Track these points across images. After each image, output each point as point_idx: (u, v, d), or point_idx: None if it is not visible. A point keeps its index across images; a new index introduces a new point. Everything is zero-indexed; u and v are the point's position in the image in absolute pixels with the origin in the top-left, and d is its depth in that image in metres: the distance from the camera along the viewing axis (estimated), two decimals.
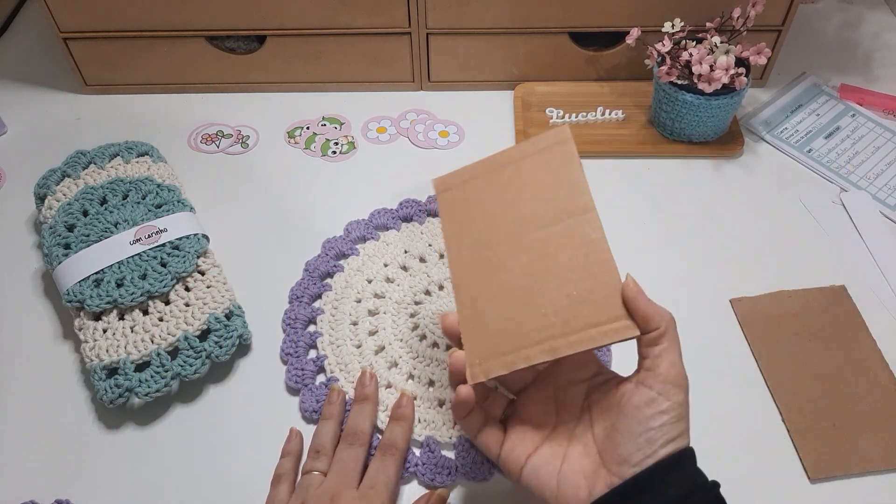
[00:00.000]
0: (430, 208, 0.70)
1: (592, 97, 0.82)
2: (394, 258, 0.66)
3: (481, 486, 0.53)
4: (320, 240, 0.69)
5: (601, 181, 0.75)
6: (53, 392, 0.59)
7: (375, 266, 0.66)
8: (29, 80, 0.87)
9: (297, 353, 0.60)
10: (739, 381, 0.59)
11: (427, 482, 0.53)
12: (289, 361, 0.60)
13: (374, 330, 0.61)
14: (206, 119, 0.82)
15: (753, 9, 0.71)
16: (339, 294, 0.64)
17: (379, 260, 0.66)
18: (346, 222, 0.70)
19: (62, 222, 0.63)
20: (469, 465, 0.53)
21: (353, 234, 0.68)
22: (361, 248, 0.68)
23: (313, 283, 0.65)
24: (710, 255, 0.68)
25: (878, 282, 0.66)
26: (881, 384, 0.58)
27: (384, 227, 0.69)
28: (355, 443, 0.52)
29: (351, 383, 0.58)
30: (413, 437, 0.55)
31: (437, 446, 0.54)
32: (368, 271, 0.65)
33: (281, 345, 0.61)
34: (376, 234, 0.68)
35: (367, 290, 0.64)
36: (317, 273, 0.65)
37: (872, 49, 0.90)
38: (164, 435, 0.57)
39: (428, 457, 0.54)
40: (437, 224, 0.68)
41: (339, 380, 0.58)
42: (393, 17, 0.77)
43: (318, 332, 0.62)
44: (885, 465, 0.54)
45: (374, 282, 0.64)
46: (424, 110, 0.83)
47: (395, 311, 0.62)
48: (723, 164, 0.76)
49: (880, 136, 0.79)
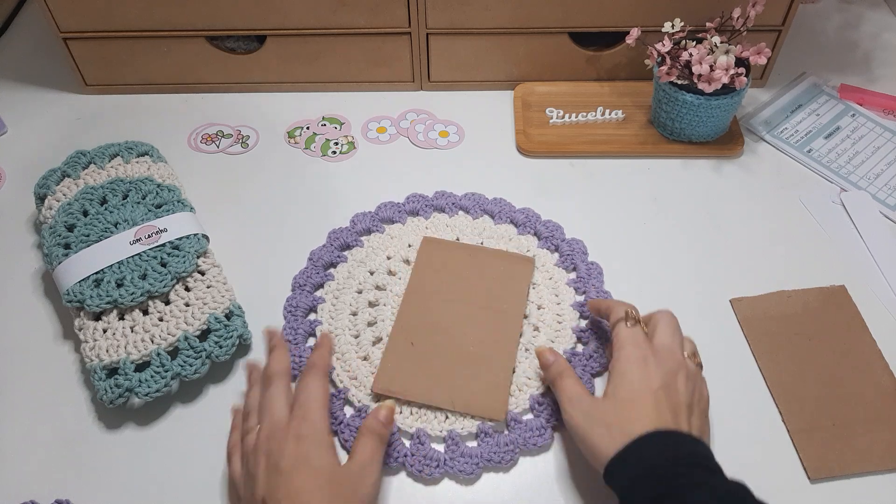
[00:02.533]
0: (437, 204, 0.71)
1: (592, 97, 0.82)
2: (397, 251, 0.66)
3: (470, 482, 0.54)
4: (320, 239, 0.69)
5: (601, 181, 0.75)
6: (53, 392, 0.59)
7: (378, 258, 0.66)
8: (29, 80, 0.87)
9: (295, 340, 0.61)
10: (739, 381, 0.59)
11: (415, 473, 0.53)
12: (287, 348, 0.59)
13: (373, 321, 0.62)
14: (206, 119, 0.82)
15: (753, 9, 0.71)
16: (340, 284, 0.64)
17: (382, 252, 0.67)
18: (353, 214, 0.70)
19: (62, 222, 0.63)
20: (457, 458, 0.54)
21: (359, 226, 0.69)
22: (366, 239, 0.68)
23: (316, 273, 0.65)
24: (710, 255, 0.68)
25: (878, 282, 0.66)
26: (881, 384, 0.58)
27: (390, 220, 0.70)
28: (272, 381, 0.51)
29: (347, 372, 0.59)
30: (404, 430, 0.55)
31: (427, 438, 0.55)
32: (371, 263, 0.66)
33: (281, 331, 0.61)
34: (381, 227, 0.69)
35: (368, 282, 0.64)
36: (320, 262, 0.66)
37: (872, 49, 0.90)
38: (164, 435, 0.57)
39: (417, 448, 0.54)
40: (443, 220, 0.70)
41: (336, 368, 0.59)
42: (393, 17, 0.77)
43: (317, 320, 0.62)
44: (885, 465, 0.54)
45: (376, 274, 0.65)
46: (424, 110, 0.83)
47: (394, 303, 0.62)
48: (723, 164, 0.76)
49: (880, 136, 0.79)
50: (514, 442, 0.54)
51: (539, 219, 0.69)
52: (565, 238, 0.68)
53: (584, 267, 0.66)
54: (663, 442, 0.46)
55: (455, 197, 0.71)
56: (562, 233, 0.68)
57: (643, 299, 0.64)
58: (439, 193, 0.72)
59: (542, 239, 0.68)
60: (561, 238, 0.68)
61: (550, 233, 0.68)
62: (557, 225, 0.69)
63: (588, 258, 0.67)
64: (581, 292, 0.64)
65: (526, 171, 0.76)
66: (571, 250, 0.67)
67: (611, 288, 0.65)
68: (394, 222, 0.70)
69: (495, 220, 0.70)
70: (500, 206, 0.70)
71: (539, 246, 0.67)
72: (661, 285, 0.66)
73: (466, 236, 0.68)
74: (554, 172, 0.76)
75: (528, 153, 0.77)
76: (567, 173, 0.76)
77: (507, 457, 0.54)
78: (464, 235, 0.68)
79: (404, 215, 0.70)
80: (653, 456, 0.45)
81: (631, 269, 0.67)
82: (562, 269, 0.66)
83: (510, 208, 0.70)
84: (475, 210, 0.70)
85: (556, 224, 0.69)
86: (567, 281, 0.65)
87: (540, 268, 0.65)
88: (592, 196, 0.73)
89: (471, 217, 0.70)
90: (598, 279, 0.65)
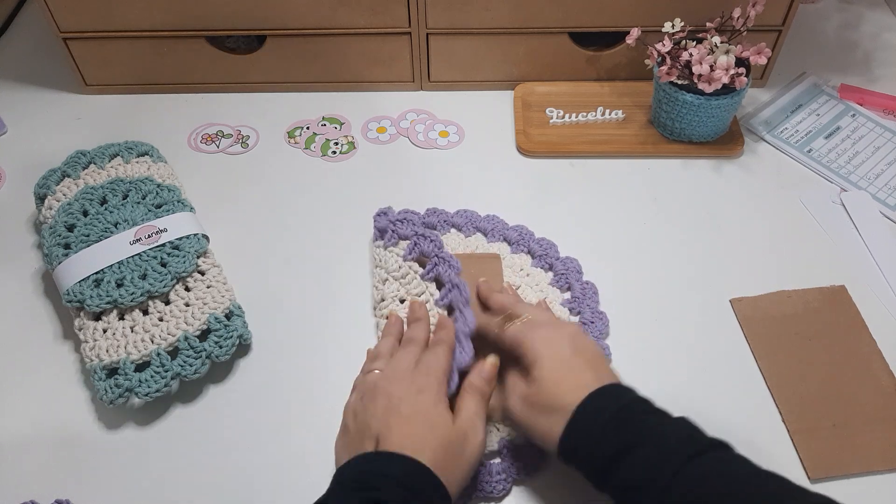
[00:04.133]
0: (429, 221, 0.69)
1: (592, 97, 0.82)
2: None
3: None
4: (321, 240, 0.69)
5: (601, 181, 0.75)
6: (53, 392, 0.59)
7: None
8: (29, 80, 0.87)
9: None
10: (739, 381, 0.59)
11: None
12: (429, 323, 0.58)
13: None
14: (206, 119, 0.82)
15: (753, 9, 0.71)
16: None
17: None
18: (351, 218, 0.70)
19: (62, 222, 0.63)
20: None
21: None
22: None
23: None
24: (710, 255, 0.68)
25: (878, 282, 0.66)
26: (881, 384, 0.58)
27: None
28: (410, 345, 0.54)
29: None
30: None
31: None
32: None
33: (424, 305, 0.60)
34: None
35: None
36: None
37: (872, 49, 0.90)
38: (164, 435, 0.57)
39: None
40: None
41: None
42: (393, 17, 0.77)
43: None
44: (885, 465, 0.54)
45: None
46: (424, 110, 0.83)
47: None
48: (723, 164, 0.76)
49: (880, 136, 0.79)
50: (506, 470, 0.53)
51: (532, 237, 0.68)
52: (559, 257, 0.67)
53: (578, 287, 0.64)
54: (598, 403, 0.47)
55: (447, 214, 0.70)
56: (556, 251, 0.67)
57: (643, 300, 0.65)
58: (431, 211, 0.70)
59: (535, 258, 0.67)
60: (555, 257, 0.66)
61: (544, 251, 0.67)
62: (551, 243, 0.67)
63: (583, 277, 0.65)
64: (576, 313, 0.63)
65: (526, 171, 0.76)
66: (566, 269, 0.65)
67: (611, 289, 0.65)
68: (386, 248, 0.65)
69: (488, 237, 0.68)
70: (492, 223, 0.69)
71: (533, 265, 0.66)
72: (662, 285, 0.66)
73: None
74: (554, 172, 0.76)
75: (528, 153, 0.77)
76: (567, 173, 0.76)
77: (498, 486, 0.53)
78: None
79: (395, 238, 0.65)
80: (597, 419, 0.46)
81: (631, 270, 0.67)
82: (556, 289, 0.65)
83: (503, 226, 0.69)
84: (468, 228, 0.69)
85: (550, 242, 0.67)
86: (562, 301, 0.64)
87: (534, 287, 0.64)
88: (592, 196, 0.73)
89: (463, 235, 0.68)
90: (593, 299, 0.64)
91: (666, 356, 0.61)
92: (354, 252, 0.68)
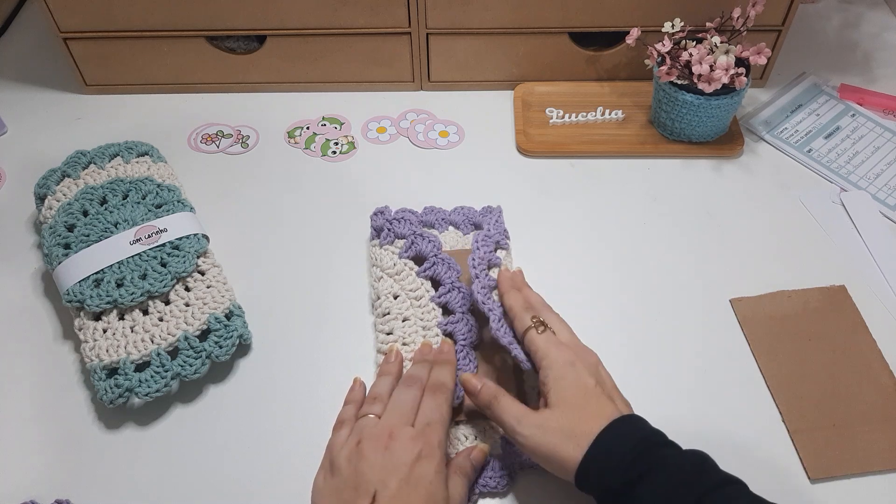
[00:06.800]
0: (426, 220, 0.68)
1: (592, 97, 0.82)
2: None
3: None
4: (321, 240, 0.69)
5: (601, 181, 0.75)
6: (53, 392, 0.59)
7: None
8: (29, 80, 0.87)
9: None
10: (739, 381, 0.59)
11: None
12: (456, 367, 0.57)
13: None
14: (206, 119, 0.82)
15: (753, 9, 0.71)
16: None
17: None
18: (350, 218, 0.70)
19: (62, 222, 0.63)
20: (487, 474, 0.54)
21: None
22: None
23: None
24: (710, 255, 0.68)
25: (878, 282, 0.66)
26: (881, 384, 0.58)
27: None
28: (413, 385, 0.53)
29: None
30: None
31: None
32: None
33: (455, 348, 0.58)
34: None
35: None
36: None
37: (872, 49, 0.90)
38: (164, 435, 0.57)
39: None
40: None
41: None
42: (393, 17, 0.77)
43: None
44: (885, 465, 0.54)
45: None
46: (424, 110, 0.83)
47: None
48: (723, 164, 0.76)
49: (880, 136, 0.79)
50: (508, 466, 0.54)
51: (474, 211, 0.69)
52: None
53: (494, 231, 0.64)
54: (620, 431, 0.47)
55: (444, 212, 0.69)
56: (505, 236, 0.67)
57: (643, 300, 0.65)
58: (428, 209, 0.69)
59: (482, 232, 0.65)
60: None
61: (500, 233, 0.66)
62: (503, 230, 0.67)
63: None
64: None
65: (526, 171, 0.76)
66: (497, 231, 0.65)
67: (610, 289, 0.65)
68: (382, 247, 0.65)
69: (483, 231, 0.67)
70: (485, 216, 0.69)
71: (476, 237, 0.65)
72: (661, 285, 0.66)
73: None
74: (554, 172, 0.76)
75: (528, 153, 0.77)
76: (567, 173, 0.76)
77: (503, 481, 0.53)
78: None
79: (391, 236, 0.65)
80: (618, 446, 0.46)
81: (630, 269, 0.67)
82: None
83: (473, 213, 0.69)
84: (465, 226, 0.68)
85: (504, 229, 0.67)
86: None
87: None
88: (592, 196, 0.73)
89: (461, 233, 0.68)
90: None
91: (666, 356, 0.61)
92: (355, 252, 0.68)
